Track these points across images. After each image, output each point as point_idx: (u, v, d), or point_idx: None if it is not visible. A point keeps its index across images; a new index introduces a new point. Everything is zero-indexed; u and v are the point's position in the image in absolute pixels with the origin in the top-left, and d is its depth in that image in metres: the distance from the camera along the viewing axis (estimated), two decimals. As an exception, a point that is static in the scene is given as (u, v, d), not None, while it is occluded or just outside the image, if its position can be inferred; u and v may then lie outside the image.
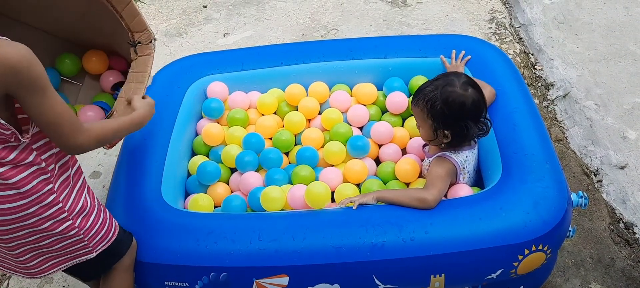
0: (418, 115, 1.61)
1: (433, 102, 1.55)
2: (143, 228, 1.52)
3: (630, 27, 2.88)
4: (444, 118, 1.55)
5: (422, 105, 1.57)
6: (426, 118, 1.57)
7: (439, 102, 1.54)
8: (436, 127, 1.57)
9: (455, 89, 1.55)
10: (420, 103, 1.58)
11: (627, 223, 2.04)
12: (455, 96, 1.54)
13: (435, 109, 1.55)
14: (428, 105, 1.56)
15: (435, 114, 1.55)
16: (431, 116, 1.56)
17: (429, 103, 1.55)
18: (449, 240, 1.44)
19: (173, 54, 3.10)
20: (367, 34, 3.12)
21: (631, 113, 2.41)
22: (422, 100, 1.57)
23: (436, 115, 1.55)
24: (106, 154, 2.53)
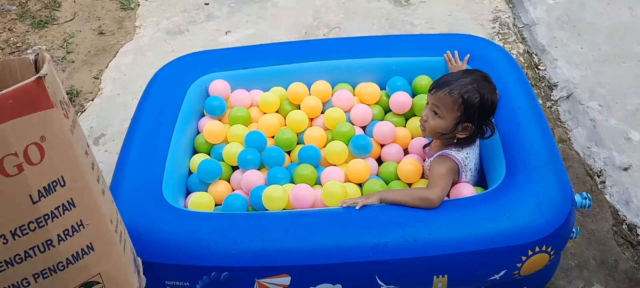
0: (446, 104, 1.57)
1: (471, 94, 1.54)
2: (143, 227, 1.51)
3: (635, 28, 2.86)
4: (476, 113, 1.55)
5: (457, 95, 1.55)
6: (456, 109, 1.56)
7: (477, 96, 1.54)
8: (462, 120, 1.57)
9: (492, 87, 1.58)
10: (454, 93, 1.55)
11: (630, 224, 2.03)
12: (491, 94, 1.56)
13: (471, 102, 1.54)
14: (465, 96, 1.54)
15: (470, 106, 1.55)
16: (464, 107, 1.55)
17: (467, 94, 1.54)
18: (452, 240, 1.43)
19: (175, 52, 3.09)
20: (370, 33, 3.10)
21: (635, 114, 2.39)
22: (458, 90, 1.55)
23: (470, 108, 1.55)
24: (107, 152, 2.53)
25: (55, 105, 0.99)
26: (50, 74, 1.00)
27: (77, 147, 1.06)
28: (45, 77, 0.96)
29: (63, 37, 3.32)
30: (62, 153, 1.02)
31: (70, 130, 1.04)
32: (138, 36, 3.31)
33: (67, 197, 1.05)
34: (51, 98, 0.98)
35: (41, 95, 0.97)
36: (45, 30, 3.38)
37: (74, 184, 1.05)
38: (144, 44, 3.24)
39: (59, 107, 1.00)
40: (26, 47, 3.24)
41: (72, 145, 1.03)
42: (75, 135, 1.06)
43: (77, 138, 1.07)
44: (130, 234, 1.50)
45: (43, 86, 0.96)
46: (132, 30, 3.38)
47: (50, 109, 0.98)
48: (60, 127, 1.01)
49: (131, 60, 3.11)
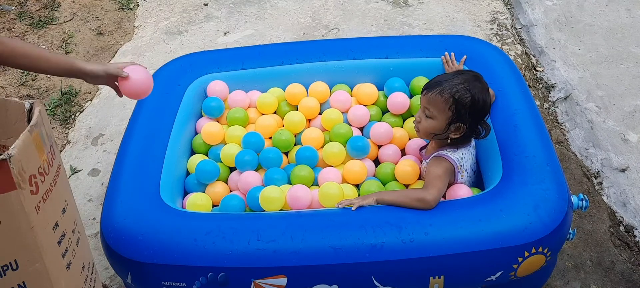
0: (437, 105, 1.58)
1: (462, 94, 1.55)
2: (141, 227, 1.51)
3: (632, 30, 2.87)
4: (467, 113, 1.56)
5: (448, 95, 1.56)
6: (447, 109, 1.56)
7: (468, 96, 1.55)
8: (454, 120, 1.57)
9: (483, 86, 1.58)
10: (445, 93, 1.56)
11: (627, 226, 2.03)
12: (483, 93, 1.57)
13: (462, 101, 1.55)
14: (456, 96, 1.55)
15: (461, 106, 1.55)
16: (455, 108, 1.56)
17: (458, 94, 1.55)
18: (448, 241, 1.43)
19: (173, 52, 3.09)
20: (368, 34, 3.11)
21: (632, 116, 2.40)
22: (448, 91, 1.56)
23: (461, 108, 1.55)
24: (105, 152, 2.53)
25: (18, 185, 0.94)
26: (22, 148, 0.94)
27: (41, 225, 1.00)
28: (10, 158, 0.91)
29: (62, 37, 3.32)
30: (19, 237, 0.98)
31: (37, 208, 0.99)
32: (137, 36, 3.31)
33: (19, 281, 1.00)
34: (15, 179, 0.93)
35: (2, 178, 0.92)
36: (44, 31, 3.38)
37: (28, 268, 1.00)
38: (143, 44, 3.24)
39: (24, 186, 0.95)
40: (25, 47, 3.23)
41: (33, 227, 0.98)
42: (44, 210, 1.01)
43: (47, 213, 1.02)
44: (127, 235, 1.51)
45: (6, 168, 0.91)
46: (131, 30, 3.38)
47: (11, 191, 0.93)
48: (20, 209, 0.96)
49: (130, 60, 3.11)
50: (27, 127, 0.99)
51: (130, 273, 1.51)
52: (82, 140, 2.62)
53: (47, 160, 1.02)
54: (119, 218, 1.54)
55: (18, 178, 0.94)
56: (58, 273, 1.07)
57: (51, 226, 1.04)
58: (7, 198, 0.94)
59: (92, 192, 2.33)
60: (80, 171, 2.44)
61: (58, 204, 1.07)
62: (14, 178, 0.93)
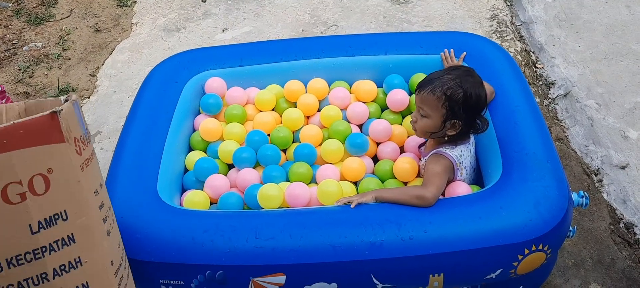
0: (430, 103, 1.57)
1: (454, 90, 1.54)
2: (138, 225, 1.50)
3: (633, 26, 2.86)
4: (461, 108, 1.55)
5: (439, 93, 1.55)
6: (440, 106, 1.56)
7: (460, 91, 1.53)
8: (448, 117, 1.56)
9: (475, 80, 1.57)
10: (437, 91, 1.55)
11: (627, 223, 2.03)
12: (476, 88, 1.55)
13: (454, 98, 1.54)
14: (448, 93, 1.54)
15: (454, 102, 1.54)
16: (448, 105, 1.55)
17: (450, 91, 1.54)
18: (448, 239, 1.42)
19: (171, 49, 3.08)
20: (367, 31, 3.10)
21: (632, 112, 2.39)
22: (440, 88, 1.55)
23: (454, 104, 1.54)
24: (103, 149, 2.52)
25: (67, 140, 1.00)
26: (68, 112, 1.00)
27: (86, 184, 1.05)
28: (60, 112, 0.98)
29: (59, 34, 3.31)
30: (68, 188, 1.02)
31: (81, 167, 1.04)
32: (134, 33, 3.30)
33: (68, 232, 1.04)
34: (64, 133, 0.99)
35: (53, 130, 0.98)
36: (41, 27, 3.36)
37: (76, 220, 1.04)
38: (141, 41, 3.22)
39: (71, 143, 1.01)
40: (22, 44, 3.22)
41: (80, 181, 1.03)
42: (87, 172, 1.06)
43: (88, 176, 1.07)
44: (125, 232, 1.49)
45: (57, 121, 0.98)
46: (129, 27, 3.37)
47: (61, 143, 0.99)
48: (69, 162, 1.01)
49: (127, 57, 3.10)
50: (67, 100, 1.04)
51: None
52: (79, 137, 2.60)
53: (85, 136, 1.08)
54: (116, 216, 1.52)
55: (67, 133, 1.00)
56: (101, 235, 1.10)
57: (93, 190, 1.08)
58: (58, 149, 0.99)
59: (90, 190, 2.32)
60: (78, 169, 2.43)
61: (96, 176, 1.11)
62: (63, 132, 0.99)
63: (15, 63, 3.08)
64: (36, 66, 3.07)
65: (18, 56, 3.13)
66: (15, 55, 3.14)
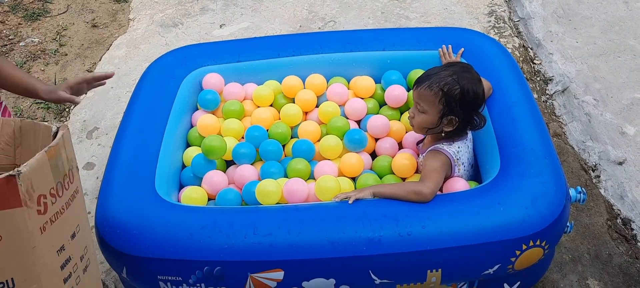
0: (427, 99, 1.57)
1: (451, 86, 1.54)
2: (136, 221, 1.50)
3: (630, 22, 2.86)
4: (458, 104, 1.54)
5: (436, 89, 1.55)
6: (437, 102, 1.56)
7: (457, 87, 1.53)
8: (445, 113, 1.56)
9: (473, 77, 1.57)
10: (434, 86, 1.55)
11: (624, 219, 2.03)
12: (473, 84, 1.55)
13: (451, 94, 1.54)
14: (445, 89, 1.54)
15: (451, 99, 1.54)
16: (445, 101, 1.55)
17: (447, 87, 1.54)
18: (446, 234, 1.42)
19: (168, 45, 3.07)
20: (365, 27, 3.09)
21: (630, 108, 2.39)
22: (437, 84, 1.55)
23: (451, 100, 1.54)
24: (100, 146, 2.51)
25: (25, 203, 0.93)
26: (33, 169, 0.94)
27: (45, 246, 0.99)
28: (19, 175, 0.91)
29: (56, 30, 3.29)
30: (18, 255, 0.96)
31: (42, 228, 0.98)
32: (132, 29, 3.29)
33: None
34: (22, 196, 0.92)
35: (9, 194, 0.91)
36: (38, 23, 3.35)
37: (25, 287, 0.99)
38: (138, 36, 3.21)
39: (31, 204, 0.94)
40: (19, 40, 3.21)
41: (35, 246, 0.97)
42: (49, 233, 1.00)
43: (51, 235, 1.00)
44: (123, 229, 1.49)
45: (14, 185, 0.90)
46: (126, 23, 3.35)
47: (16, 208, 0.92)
48: (24, 227, 0.94)
49: (124, 53, 3.09)
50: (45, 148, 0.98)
51: (125, 267, 1.49)
52: (76, 133, 2.60)
53: (62, 183, 1.02)
54: (114, 212, 1.53)
55: (25, 196, 0.93)
56: None
57: (56, 248, 1.03)
58: (11, 215, 0.93)
59: (87, 186, 2.31)
60: (75, 165, 2.42)
61: (68, 228, 1.06)
62: (21, 195, 0.92)
63: (12, 59, 3.07)
64: (33, 62, 3.05)
65: (15, 52, 3.12)
66: (12, 51, 3.13)
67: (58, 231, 1.03)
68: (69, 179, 1.05)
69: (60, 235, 1.04)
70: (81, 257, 1.12)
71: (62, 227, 1.04)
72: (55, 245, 1.03)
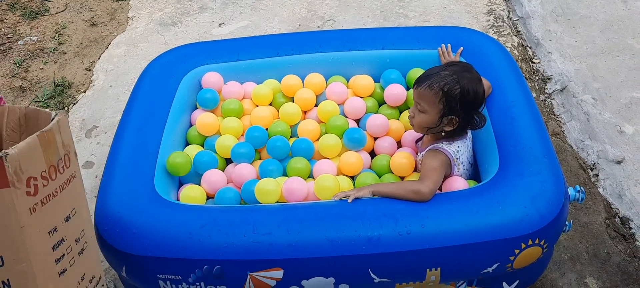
0: (428, 99, 1.57)
1: (451, 85, 1.54)
2: (135, 220, 1.50)
3: (629, 21, 2.86)
4: (458, 104, 1.55)
5: (437, 88, 1.55)
6: (438, 102, 1.56)
7: (458, 87, 1.53)
8: (445, 113, 1.56)
9: (473, 77, 1.57)
10: (434, 86, 1.55)
11: (623, 218, 2.04)
12: (473, 84, 1.55)
13: (452, 94, 1.54)
14: (445, 89, 1.54)
15: (451, 98, 1.54)
16: (445, 101, 1.55)
17: (447, 87, 1.54)
18: (445, 233, 1.42)
19: (167, 44, 3.07)
20: (364, 25, 3.09)
21: (628, 107, 2.40)
22: (437, 84, 1.55)
23: (451, 100, 1.54)
24: (99, 144, 2.51)
25: (12, 184, 0.96)
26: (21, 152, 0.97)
27: (34, 227, 1.02)
28: (6, 156, 0.94)
29: (55, 28, 3.29)
30: (6, 233, 0.99)
31: (31, 209, 1.01)
32: (131, 27, 3.28)
33: (3, 278, 1.01)
34: (9, 177, 0.96)
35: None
36: (37, 21, 3.35)
37: (15, 266, 1.01)
38: (137, 35, 3.21)
39: (19, 186, 0.98)
40: (17, 38, 3.20)
41: (23, 227, 1.00)
42: (39, 214, 1.02)
43: (42, 216, 1.03)
44: (122, 227, 1.49)
45: (1, 165, 0.94)
46: (125, 21, 3.35)
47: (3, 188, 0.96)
48: (11, 207, 0.98)
49: (123, 51, 3.09)
50: (37, 133, 1.01)
51: (124, 266, 1.50)
52: (75, 132, 2.60)
53: (56, 167, 1.05)
54: (113, 211, 1.53)
55: (13, 177, 0.96)
56: (47, 278, 1.07)
57: (47, 230, 1.05)
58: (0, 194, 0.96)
59: (86, 185, 2.31)
60: (74, 163, 2.42)
61: (61, 210, 1.08)
62: (8, 177, 0.96)
63: (11, 57, 3.06)
64: (31, 60, 3.05)
65: (13, 50, 3.12)
66: (11, 50, 3.12)
67: (50, 213, 1.05)
68: (64, 164, 1.07)
69: (53, 217, 1.06)
70: (76, 240, 1.13)
71: (55, 209, 1.06)
72: (47, 226, 1.05)
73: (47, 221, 1.05)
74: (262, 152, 1.89)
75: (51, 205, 1.05)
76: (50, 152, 1.03)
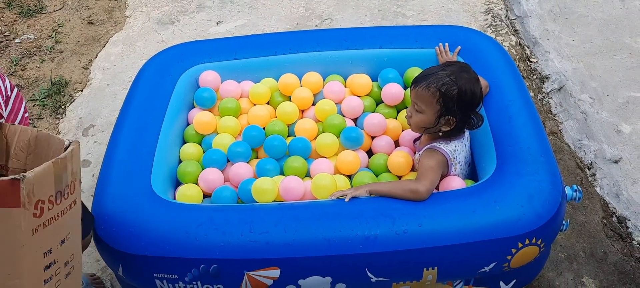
0: (425, 99, 1.57)
1: (449, 86, 1.53)
2: (132, 219, 1.49)
3: (626, 21, 2.87)
4: (455, 105, 1.54)
5: (434, 89, 1.55)
6: (435, 102, 1.56)
7: (455, 88, 1.53)
8: (442, 113, 1.56)
9: (471, 77, 1.56)
10: (432, 86, 1.55)
11: (620, 217, 2.04)
12: (471, 85, 1.55)
13: (448, 94, 1.54)
14: (442, 89, 1.54)
15: (448, 99, 1.54)
16: (442, 101, 1.55)
17: (444, 87, 1.54)
18: (442, 233, 1.42)
19: (165, 42, 3.06)
20: (362, 24, 3.09)
21: (626, 107, 2.40)
22: (434, 84, 1.55)
23: (448, 100, 1.54)
24: (96, 143, 2.50)
25: (24, 205, 1.01)
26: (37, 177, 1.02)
27: (33, 247, 1.07)
28: (23, 179, 1.00)
29: (52, 27, 3.28)
30: (7, 250, 1.03)
31: (35, 230, 1.05)
32: (128, 26, 3.28)
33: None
34: (22, 199, 1.01)
35: (11, 195, 1.00)
36: (34, 20, 3.33)
37: (7, 281, 1.05)
38: (134, 34, 3.20)
39: (29, 207, 1.03)
40: (14, 37, 3.19)
41: (25, 245, 1.04)
42: (41, 234, 1.07)
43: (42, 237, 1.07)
44: (119, 226, 1.49)
45: (17, 187, 1.00)
46: (122, 19, 3.34)
47: (14, 208, 1.01)
48: (18, 226, 1.02)
49: (121, 50, 3.08)
50: (53, 159, 1.07)
51: (121, 265, 1.49)
52: (72, 130, 2.59)
53: (62, 193, 1.10)
54: (110, 210, 1.53)
55: (25, 199, 1.01)
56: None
57: (44, 251, 1.10)
58: (9, 213, 1.01)
59: (83, 183, 2.30)
60: (71, 162, 2.41)
61: (59, 234, 1.13)
62: (21, 198, 1.01)
63: (8, 55, 3.05)
64: (28, 59, 3.04)
65: (10, 48, 3.11)
66: (8, 48, 3.11)
67: (49, 235, 1.10)
68: (69, 190, 1.13)
69: (51, 239, 1.11)
70: (66, 263, 1.17)
71: (54, 232, 1.11)
72: (44, 247, 1.10)
73: (45, 242, 1.09)
74: (259, 151, 1.88)
75: (51, 227, 1.09)
76: (60, 179, 1.09)
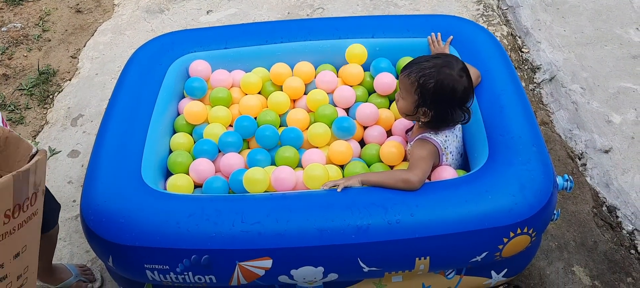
0: (405, 87, 1.57)
1: (427, 78, 1.53)
2: (122, 209, 1.48)
3: (617, 11, 2.87)
4: (431, 97, 1.53)
5: (414, 78, 1.54)
6: (413, 92, 1.55)
7: (432, 81, 1.52)
8: (419, 104, 1.56)
9: (453, 72, 1.54)
10: (412, 75, 1.55)
11: (610, 206, 2.05)
12: (450, 80, 1.53)
13: (426, 86, 1.53)
14: (420, 80, 1.53)
15: (425, 91, 1.53)
16: (420, 91, 1.54)
17: (423, 78, 1.53)
18: (434, 222, 1.42)
19: (154, 31, 3.03)
20: (353, 13, 3.07)
21: (616, 97, 2.41)
22: (415, 73, 1.54)
23: (425, 92, 1.53)
24: (85, 133, 2.47)
25: None
26: None
27: None
28: None
29: (39, 15, 3.23)
30: None
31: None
32: (117, 14, 3.24)
33: None
34: None
35: None
36: (20, 8, 3.28)
37: None
38: (123, 22, 3.16)
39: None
40: (0, 25, 3.14)
41: None
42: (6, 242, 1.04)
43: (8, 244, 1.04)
44: (108, 217, 1.47)
45: None
46: (111, 8, 3.30)
47: None
48: None
49: (109, 39, 3.04)
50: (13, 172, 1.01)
51: (111, 256, 1.48)
52: (61, 120, 2.56)
53: (20, 205, 1.05)
54: (99, 200, 1.51)
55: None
56: None
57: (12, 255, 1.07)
58: None
59: (72, 174, 2.28)
60: (59, 152, 2.39)
61: (13, 247, 1.09)
62: None
63: (-6, 44, 3.00)
64: (15, 47, 2.99)
65: (-4, 37, 3.06)
66: (-6, 37, 3.06)
67: (2, 249, 1.06)
68: (29, 202, 1.08)
69: (4, 253, 1.07)
70: (18, 276, 1.14)
71: (8, 246, 1.07)
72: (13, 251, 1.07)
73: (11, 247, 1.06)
74: (251, 141, 1.87)
75: (5, 242, 1.05)
76: (20, 192, 1.04)
